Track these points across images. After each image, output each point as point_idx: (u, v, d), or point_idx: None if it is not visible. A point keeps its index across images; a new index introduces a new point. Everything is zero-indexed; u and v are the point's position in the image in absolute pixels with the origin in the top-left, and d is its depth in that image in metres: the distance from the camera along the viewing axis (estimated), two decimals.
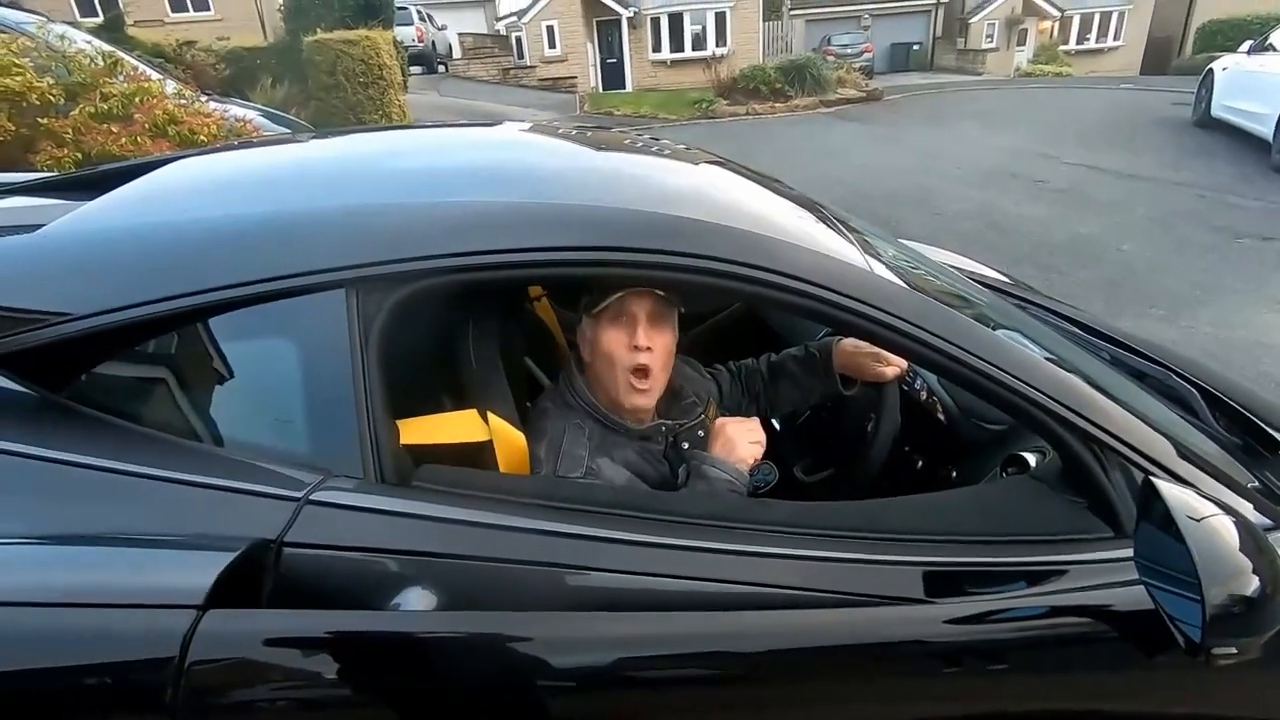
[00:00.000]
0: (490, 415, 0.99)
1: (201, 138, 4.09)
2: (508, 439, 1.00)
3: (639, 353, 1.08)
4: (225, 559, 0.70)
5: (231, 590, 0.69)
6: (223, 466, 0.81)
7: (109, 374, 0.88)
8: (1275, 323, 3.73)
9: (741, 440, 1.10)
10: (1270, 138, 6.66)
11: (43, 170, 3.56)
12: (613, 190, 1.08)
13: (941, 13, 25.16)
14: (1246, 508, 0.94)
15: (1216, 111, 8.13)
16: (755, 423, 1.14)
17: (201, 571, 0.69)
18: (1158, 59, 22.80)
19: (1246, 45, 7.89)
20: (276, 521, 0.76)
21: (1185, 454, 0.96)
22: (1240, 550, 0.74)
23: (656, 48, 19.83)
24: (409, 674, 0.75)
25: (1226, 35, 18.64)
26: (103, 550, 0.73)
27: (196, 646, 0.67)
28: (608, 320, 1.09)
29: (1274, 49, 7.27)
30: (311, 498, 0.78)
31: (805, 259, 0.94)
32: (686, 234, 0.91)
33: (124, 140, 3.83)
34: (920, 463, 1.43)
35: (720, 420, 1.14)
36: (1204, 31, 21.27)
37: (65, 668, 0.68)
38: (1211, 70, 8.43)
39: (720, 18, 19.40)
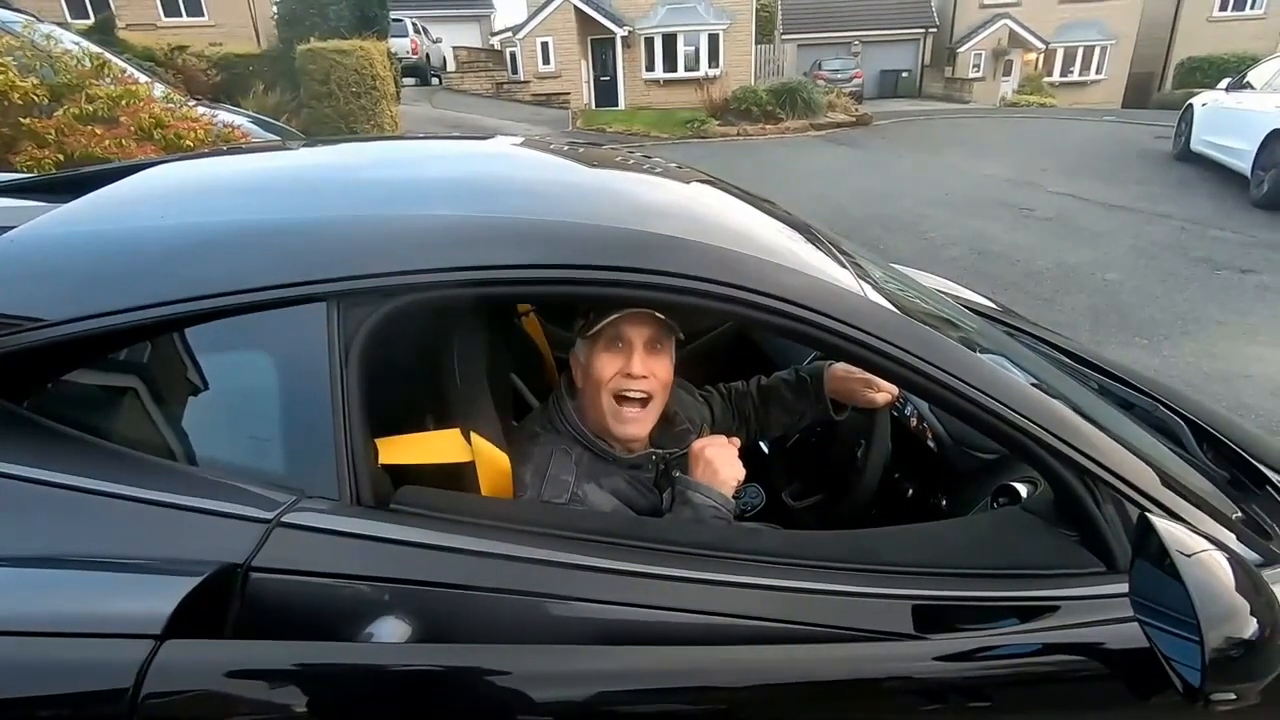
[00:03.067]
0: (474, 435, 0.96)
1: (188, 142, 4.05)
2: (491, 460, 0.97)
3: (632, 380, 1.05)
4: (187, 585, 0.66)
5: (193, 618, 0.66)
6: (189, 485, 0.77)
7: (74, 385, 0.84)
8: (1255, 354, 3.78)
9: (722, 465, 1.06)
10: (1248, 172, 6.82)
11: (22, 171, 3.50)
12: (602, 206, 1.06)
13: (930, 42, 25.67)
14: (1234, 542, 0.93)
15: (1196, 146, 8.32)
16: (733, 446, 1.10)
17: (161, 598, 0.65)
18: (1139, 93, 23.40)
19: (1225, 82, 8.09)
20: (244, 544, 0.72)
21: (1176, 488, 0.95)
22: (1237, 590, 0.72)
23: (650, 67, 20.02)
24: (381, 710, 0.71)
25: (1205, 72, 19.23)
26: (55, 574, 0.69)
27: (153, 679, 0.63)
28: (603, 345, 1.06)
29: (1251, 87, 7.47)
30: (283, 520, 0.75)
31: (791, 280, 0.92)
32: (671, 251, 0.89)
33: (108, 143, 3.77)
34: (910, 491, 1.41)
35: (699, 443, 1.10)
36: (1183, 68, 21.90)
37: (6, 700, 0.64)
38: (1191, 106, 8.63)
39: (713, 39, 19.64)
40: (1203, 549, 0.75)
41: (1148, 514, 0.81)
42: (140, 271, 0.86)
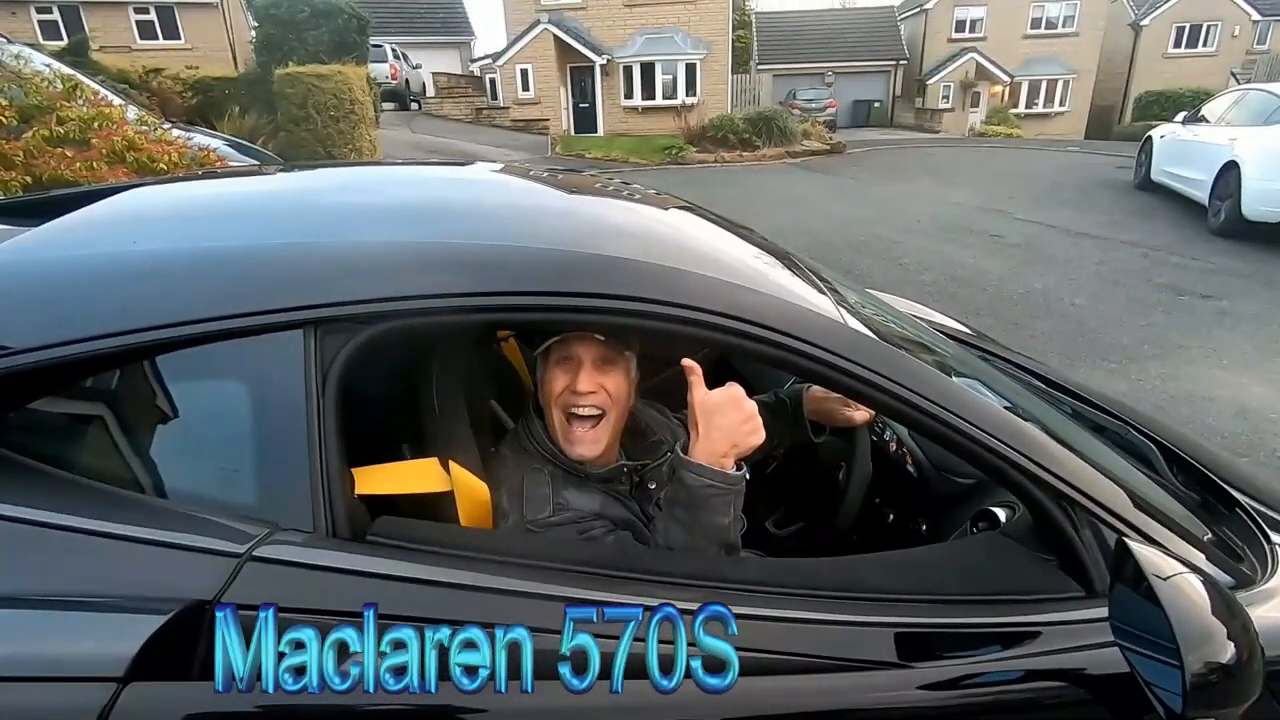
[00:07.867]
0: (452, 464, 0.95)
1: (162, 165, 4.00)
2: (470, 490, 0.96)
3: (579, 396, 1.04)
4: (152, 624, 0.64)
5: (158, 659, 0.63)
6: (156, 519, 0.75)
7: (37, 415, 0.81)
8: (1218, 378, 3.88)
9: (731, 429, 0.95)
10: (1206, 202, 7.08)
11: None
12: (562, 230, 1.06)
13: (900, 73, 26.45)
14: (1207, 565, 0.94)
15: (1156, 176, 8.63)
16: (748, 404, 0.97)
17: (123, 638, 0.63)
18: (1100, 124, 24.31)
19: (1181, 116, 8.43)
20: (214, 580, 0.70)
21: (1151, 512, 0.96)
22: (1213, 613, 0.73)
23: (628, 94, 20.34)
24: None
25: (1161, 105, 20.05)
26: (11, 614, 0.66)
27: None
28: (553, 362, 1.06)
29: (1205, 120, 7.79)
30: (255, 553, 0.72)
31: (750, 299, 0.92)
32: (610, 271, 0.89)
33: (79, 165, 3.70)
34: (891, 516, 1.41)
35: (701, 397, 0.97)
36: (1142, 101, 22.86)
37: None
38: (1150, 138, 8.96)
39: (691, 69, 20.05)
40: (1178, 572, 0.75)
41: (1124, 539, 0.82)
42: (109, 298, 0.83)
